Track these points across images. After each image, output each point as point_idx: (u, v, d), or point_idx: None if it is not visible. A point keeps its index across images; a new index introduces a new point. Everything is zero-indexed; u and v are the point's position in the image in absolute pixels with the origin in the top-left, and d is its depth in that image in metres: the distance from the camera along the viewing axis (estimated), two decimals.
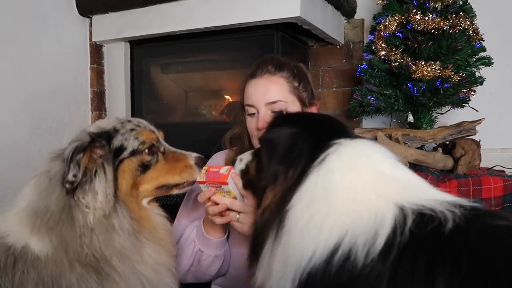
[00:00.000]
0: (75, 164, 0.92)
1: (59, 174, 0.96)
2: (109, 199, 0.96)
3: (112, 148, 1.01)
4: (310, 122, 0.97)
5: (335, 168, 0.79)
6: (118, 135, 1.02)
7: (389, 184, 0.77)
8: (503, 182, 1.73)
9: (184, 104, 2.80)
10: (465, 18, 1.86)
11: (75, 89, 2.60)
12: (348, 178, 0.77)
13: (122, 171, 1.01)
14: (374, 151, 0.85)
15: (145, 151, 1.04)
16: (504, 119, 2.21)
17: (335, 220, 0.72)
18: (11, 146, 2.21)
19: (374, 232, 0.67)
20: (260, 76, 1.31)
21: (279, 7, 2.04)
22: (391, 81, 1.99)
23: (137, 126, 1.07)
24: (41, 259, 0.91)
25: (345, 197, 0.75)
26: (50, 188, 0.96)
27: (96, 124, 1.08)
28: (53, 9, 2.44)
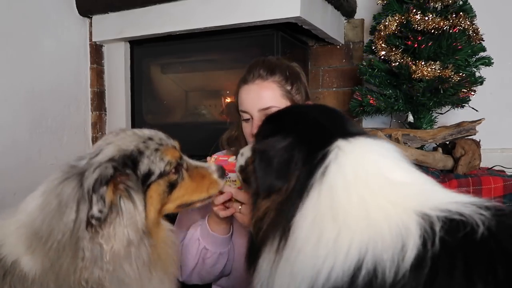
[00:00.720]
0: (99, 198, 0.86)
1: (70, 200, 0.89)
2: (140, 228, 0.92)
3: (140, 174, 0.94)
4: (304, 125, 0.88)
5: (338, 183, 0.73)
6: (144, 159, 0.95)
7: (403, 191, 0.73)
8: (503, 182, 1.72)
9: (184, 104, 2.80)
10: (465, 18, 1.86)
11: (75, 89, 2.60)
12: (355, 193, 0.72)
13: (149, 197, 0.96)
14: (378, 154, 0.79)
15: (172, 171, 0.99)
16: (504, 119, 2.21)
17: (350, 239, 0.67)
18: (11, 146, 2.21)
19: (401, 246, 0.63)
20: (252, 82, 1.30)
21: (279, 7, 2.04)
22: (391, 81, 1.99)
23: (160, 145, 1.00)
24: (28, 278, 0.88)
25: (356, 214, 0.70)
26: (58, 213, 0.89)
27: (115, 143, 0.98)
28: (53, 9, 2.44)
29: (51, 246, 0.88)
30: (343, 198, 0.71)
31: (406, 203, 0.69)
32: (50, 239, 0.88)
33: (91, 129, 2.71)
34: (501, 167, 2.03)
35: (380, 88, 2.01)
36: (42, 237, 0.89)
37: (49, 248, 0.88)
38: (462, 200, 0.70)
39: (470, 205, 0.67)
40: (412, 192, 0.72)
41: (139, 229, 0.92)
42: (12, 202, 1.02)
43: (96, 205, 0.86)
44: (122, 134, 1.01)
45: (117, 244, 0.89)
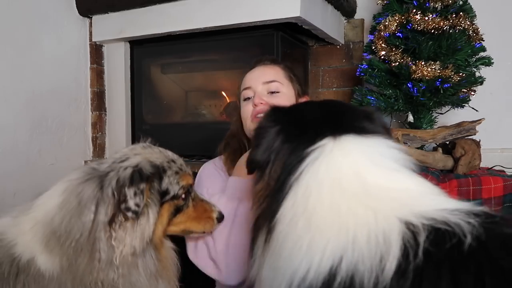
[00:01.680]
0: (138, 192, 0.90)
1: (90, 200, 0.91)
2: (145, 240, 0.94)
3: (161, 188, 1.00)
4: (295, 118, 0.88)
5: (312, 185, 0.71)
6: (166, 177, 1.02)
7: (385, 196, 0.68)
8: (503, 182, 1.72)
9: (184, 104, 2.80)
10: (465, 18, 1.86)
11: (75, 89, 2.61)
12: (328, 196, 0.69)
13: (160, 215, 1.00)
14: (364, 155, 0.74)
15: (182, 196, 1.05)
16: (504, 119, 2.21)
17: (324, 244, 0.64)
18: (11, 146, 2.21)
19: (379, 256, 0.60)
20: (257, 67, 1.42)
21: (279, 7, 2.04)
22: (391, 81, 1.99)
23: (180, 169, 1.07)
24: (45, 276, 0.89)
25: (329, 219, 0.66)
26: (77, 212, 0.91)
27: (143, 155, 1.03)
28: (53, 9, 2.44)
29: (69, 245, 0.90)
30: (316, 201, 0.69)
31: (388, 210, 0.65)
32: (68, 238, 0.90)
33: (91, 129, 2.71)
34: (501, 167, 2.03)
35: (380, 88, 2.01)
36: (60, 236, 0.90)
37: (68, 247, 0.90)
38: (450, 206, 0.66)
39: (458, 212, 0.64)
40: (397, 198, 0.68)
41: (144, 240, 0.94)
42: (12, 202, 1.02)
43: (133, 199, 0.89)
44: (149, 149, 1.07)
45: (125, 249, 0.92)
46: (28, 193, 1.02)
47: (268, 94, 1.35)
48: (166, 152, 1.10)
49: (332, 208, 0.68)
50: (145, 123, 2.73)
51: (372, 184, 0.70)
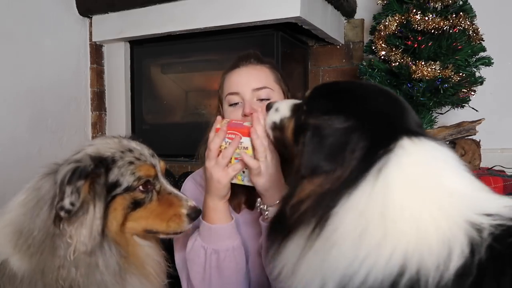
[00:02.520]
0: (74, 190, 0.84)
1: (47, 196, 0.88)
2: (93, 237, 0.88)
3: (107, 182, 0.92)
4: (368, 111, 0.79)
5: (396, 183, 0.68)
6: (115, 168, 0.93)
7: (456, 200, 0.68)
8: (503, 182, 1.73)
9: (184, 104, 2.80)
10: (465, 18, 1.86)
11: (75, 89, 2.61)
12: (411, 196, 0.67)
13: (113, 209, 0.93)
14: (440, 160, 0.73)
15: (140, 187, 0.96)
16: (504, 119, 2.21)
17: (396, 242, 0.64)
18: (11, 146, 2.21)
19: (447, 254, 0.61)
20: (245, 66, 1.28)
21: (279, 7, 2.04)
22: (391, 81, 1.99)
23: (137, 159, 0.97)
24: (18, 277, 0.87)
25: (408, 217, 0.65)
26: (36, 210, 0.88)
27: (95, 146, 0.98)
28: (53, 9, 2.44)
29: (31, 244, 0.87)
30: (398, 200, 0.67)
31: (457, 212, 0.66)
32: (30, 237, 0.88)
33: (91, 129, 2.71)
34: (501, 167, 2.03)
35: None
36: (25, 235, 0.88)
37: (32, 246, 0.87)
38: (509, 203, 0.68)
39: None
40: (465, 201, 0.68)
41: (92, 237, 0.88)
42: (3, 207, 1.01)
43: (69, 197, 0.84)
44: (109, 140, 1.01)
45: (78, 247, 0.87)
46: None
47: (257, 101, 1.23)
48: (127, 142, 1.01)
49: (413, 208, 0.66)
50: (145, 123, 2.73)
51: (448, 189, 0.69)
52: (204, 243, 1.12)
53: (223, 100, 1.29)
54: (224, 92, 1.28)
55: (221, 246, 1.11)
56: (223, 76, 1.32)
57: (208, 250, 1.12)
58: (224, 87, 1.30)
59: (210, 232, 1.11)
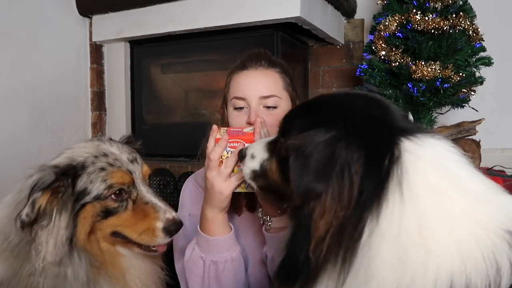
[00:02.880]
0: (30, 202, 0.82)
1: (25, 200, 0.86)
2: (58, 247, 0.85)
3: (75, 191, 0.88)
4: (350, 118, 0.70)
5: (425, 198, 0.61)
6: (84, 175, 0.88)
7: (486, 207, 0.63)
8: (503, 182, 1.73)
9: (184, 104, 2.80)
10: (465, 18, 1.86)
11: (75, 89, 2.60)
12: (445, 214, 0.61)
13: (82, 217, 0.89)
14: (453, 161, 0.67)
15: (112, 196, 0.90)
16: (504, 119, 2.21)
17: (439, 267, 0.58)
18: (11, 146, 2.21)
19: (495, 271, 0.57)
20: (253, 69, 1.22)
21: (279, 7, 2.04)
22: (391, 81, 1.99)
23: (110, 165, 0.91)
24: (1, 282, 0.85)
25: (448, 241, 0.59)
26: (15, 213, 0.86)
27: (72, 149, 0.94)
28: (53, 9, 2.44)
29: (7, 248, 0.86)
30: (432, 215, 0.60)
31: (494, 222, 0.61)
32: (6, 242, 0.86)
33: (91, 129, 2.71)
34: (501, 167, 2.03)
35: (380, 88, 2.01)
36: (5, 237, 0.87)
37: (5, 250, 0.86)
38: None
39: None
40: (496, 208, 0.63)
41: (58, 247, 0.85)
42: None
43: (26, 208, 0.82)
44: (88, 143, 0.96)
45: (47, 256, 0.84)
46: None
47: (263, 109, 1.19)
48: (107, 145, 0.96)
49: (450, 222, 0.61)
50: (145, 123, 2.73)
51: (474, 194, 0.64)
52: (202, 253, 1.09)
53: (228, 101, 1.25)
54: (230, 94, 1.24)
55: (220, 258, 1.08)
56: (230, 75, 1.27)
57: (207, 262, 1.09)
58: (230, 88, 1.25)
59: (208, 244, 1.08)
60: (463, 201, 0.63)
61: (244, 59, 1.26)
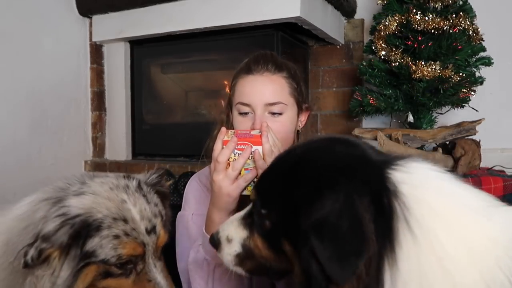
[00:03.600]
0: (37, 249, 0.79)
1: (36, 225, 0.84)
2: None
3: (84, 249, 0.85)
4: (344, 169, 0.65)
5: (437, 230, 0.57)
6: (96, 237, 0.85)
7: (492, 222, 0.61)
8: (503, 182, 1.73)
9: (184, 104, 2.80)
10: (465, 18, 1.86)
11: (75, 89, 2.61)
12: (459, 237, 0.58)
13: (84, 274, 0.86)
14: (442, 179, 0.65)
15: (118, 264, 0.87)
16: (504, 119, 2.21)
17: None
18: (11, 146, 2.21)
19: None
20: (259, 73, 1.19)
21: (279, 7, 2.04)
22: (391, 81, 1.99)
23: (125, 235, 0.87)
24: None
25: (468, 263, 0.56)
26: (25, 232, 0.84)
27: (93, 198, 0.88)
28: (53, 9, 2.45)
29: (6, 267, 0.84)
30: (449, 245, 0.57)
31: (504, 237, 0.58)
32: (7, 260, 0.84)
33: (91, 129, 2.71)
34: (501, 167, 2.03)
35: (380, 88, 2.01)
36: (7, 252, 0.85)
37: (8, 266, 0.84)
38: None
39: None
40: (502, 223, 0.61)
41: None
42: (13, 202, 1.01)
43: (33, 251, 0.79)
44: (114, 192, 0.90)
45: None
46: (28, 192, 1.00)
47: (268, 115, 1.18)
48: (132, 204, 0.90)
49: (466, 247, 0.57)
50: (145, 123, 2.73)
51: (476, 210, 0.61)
52: (207, 256, 1.08)
53: (233, 105, 1.23)
54: (235, 98, 1.22)
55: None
56: (236, 78, 1.24)
57: (211, 265, 1.08)
58: (235, 91, 1.23)
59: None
60: (471, 221, 0.60)
61: (250, 62, 1.24)
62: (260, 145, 1.01)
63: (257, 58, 1.23)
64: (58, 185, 0.91)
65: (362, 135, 2.00)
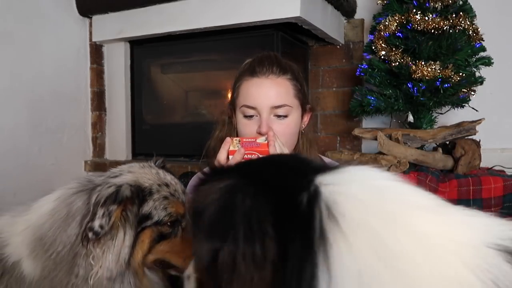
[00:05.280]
0: (106, 213, 0.85)
1: (78, 213, 0.90)
2: (120, 264, 0.90)
3: (140, 213, 0.94)
4: (259, 167, 0.64)
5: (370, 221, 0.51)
6: (150, 201, 0.95)
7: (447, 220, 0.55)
8: (503, 182, 1.73)
9: (184, 104, 2.80)
10: (465, 18, 1.86)
11: (75, 89, 2.60)
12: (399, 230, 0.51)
13: (141, 240, 0.95)
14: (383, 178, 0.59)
15: (168, 223, 0.98)
16: (504, 119, 2.21)
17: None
18: (11, 146, 2.21)
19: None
20: (264, 76, 1.19)
21: (279, 7, 2.04)
22: (391, 81, 1.99)
23: (171, 195, 0.99)
24: (26, 280, 0.88)
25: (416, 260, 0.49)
26: (64, 223, 0.89)
27: (135, 174, 0.98)
28: (53, 9, 2.44)
29: (51, 255, 0.88)
30: (391, 240, 0.50)
31: (470, 237, 0.52)
32: (51, 248, 0.88)
33: (91, 129, 2.71)
34: (501, 167, 2.03)
35: (380, 88, 2.01)
36: (45, 244, 0.89)
37: (49, 257, 0.88)
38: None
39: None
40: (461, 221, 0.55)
41: (119, 263, 0.89)
42: (13, 202, 1.02)
43: (100, 219, 0.85)
44: (147, 169, 1.02)
45: (101, 271, 0.88)
46: (28, 193, 1.02)
47: (274, 117, 1.18)
48: (164, 175, 1.02)
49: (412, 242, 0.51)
50: (145, 123, 2.73)
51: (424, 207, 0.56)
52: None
53: (237, 107, 1.23)
54: (239, 101, 1.22)
55: None
56: (240, 80, 1.24)
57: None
58: (240, 94, 1.22)
59: None
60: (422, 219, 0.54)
61: (253, 63, 1.23)
62: (267, 154, 1.01)
63: (262, 60, 1.23)
64: (79, 182, 0.98)
65: (362, 135, 2.00)
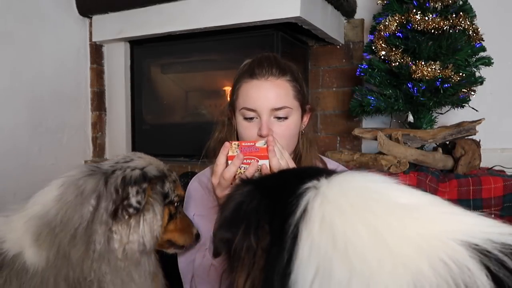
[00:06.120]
0: (140, 191, 0.94)
1: (91, 193, 0.93)
2: (156, 236, 0.98)
3: (164, 191, 1.04)
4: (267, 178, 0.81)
5: (332, 215, 0.57)
6: (167, 182, 1.06)
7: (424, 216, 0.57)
8: (503, 182, 1.73)
9: (184, 104, 2.80)
10: (465, 18, 1.86)
11: (75, 89, 2.60)
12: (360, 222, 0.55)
13: (163, 216, 1.04)
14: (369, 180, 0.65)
15: (175, 204, 1.08)
16: (504, 119, 2.21)
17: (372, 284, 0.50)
18: (11, 146, 2.21)
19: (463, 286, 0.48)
20: (264, 78, 1.18)
21: (279, 7, 2.04)
22: (391, 81, 1.99)
23: (174, 182, 1.10)
24: (29, 271, 0.88)
25: (372, 249, 0.53)
26: (77, 203, 0.93)
27: (146, 159, 1.07)
28: (53, 9, 2.44)
29: (65, 235, 0.91)
30: (348, 232, 0.55)
31: (439, 232, 0.53)
32: (65, 229, 0.91)
33: (91, 129, 2.71)
34: (501, 167, 2.03)
35: (380, 88, 2.01)
36: (55, 227, 0.91)
37: (63, 238, 0.91)
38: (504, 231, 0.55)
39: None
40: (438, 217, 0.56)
41: (154, 237, 0.98)
42: (13, 202, 1.02)
43: (135, 197, 0.93)
44: (149, 158, 1.10)
45: (131, 245, 0.94)
46: (28, 193, 1.01)
47: (274, 119, 1.18)
48: (166, 166, 1.12)
49: (372, 235, 0.54)
50: (145, 123, 2.73)
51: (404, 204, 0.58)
52: (215, 261, 1.10)
53: (237, 109, 1.22)
54: (239, 103, 1.21)
55: None
56: (240, 82, 1.23)
57: (219, 270, 1.09)
58: (239, 96, 1.21)
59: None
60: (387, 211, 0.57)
61: (252, 65, 1.22)
62: (267, 159, 1.00)
63: (261, 61, 1.21)
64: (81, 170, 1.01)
65: (362, 135, 2.00)
